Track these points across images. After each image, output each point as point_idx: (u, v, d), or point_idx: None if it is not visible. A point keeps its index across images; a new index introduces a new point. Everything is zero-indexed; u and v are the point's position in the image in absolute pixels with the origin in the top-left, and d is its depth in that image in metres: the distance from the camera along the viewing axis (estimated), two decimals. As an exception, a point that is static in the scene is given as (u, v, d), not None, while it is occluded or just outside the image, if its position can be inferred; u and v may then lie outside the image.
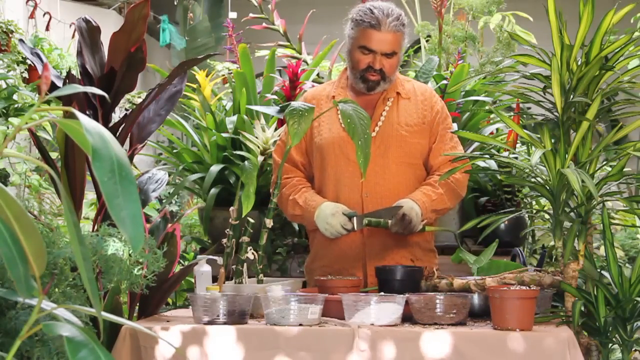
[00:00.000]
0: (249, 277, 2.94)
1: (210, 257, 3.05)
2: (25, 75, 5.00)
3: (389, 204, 3.15)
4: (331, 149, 3.24)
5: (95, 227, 3.17)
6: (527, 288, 2.61)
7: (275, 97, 4.09)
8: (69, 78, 3.26)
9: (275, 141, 3.73)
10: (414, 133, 3.22)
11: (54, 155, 3.91)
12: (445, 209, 3.23)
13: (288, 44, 4.57)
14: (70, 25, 5.97)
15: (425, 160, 3.27)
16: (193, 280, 3.09)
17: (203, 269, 2.98)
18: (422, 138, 3.24)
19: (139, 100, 4.84)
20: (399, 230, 3.10)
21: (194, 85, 4.16)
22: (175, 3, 8.42)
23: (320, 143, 3.26)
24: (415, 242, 3.24)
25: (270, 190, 3.32)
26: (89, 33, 3.31)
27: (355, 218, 3.10)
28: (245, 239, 2.89)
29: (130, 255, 2.64)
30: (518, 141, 3.84)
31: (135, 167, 4.75)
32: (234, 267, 2.92)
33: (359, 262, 3.19)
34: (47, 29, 6.02)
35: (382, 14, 3.13)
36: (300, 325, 2.53)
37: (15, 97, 4.63)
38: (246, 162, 3.81)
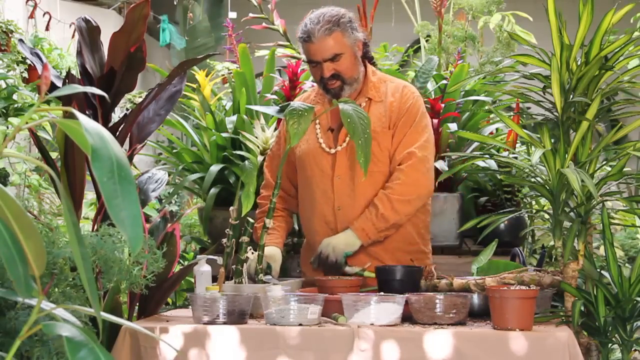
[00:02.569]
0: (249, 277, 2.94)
1: (210, 257, 3.04)
2: (25, 75, 5.00)
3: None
4: (307, 161, 3.24)
5: (95, 227, 3.17)
6: (527, 288, 2.61)
7: (275, 97, 4.09)
8: (69, 78, 3.26)
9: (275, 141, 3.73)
10: (382, 139, 3.14)
11: (53, 155, 3.91)
12: (393, 224, 3.12)
13: (288, 44, 4.57)
14: (70, 25, 5.96)
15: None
16: (193, 280, 3.09)
17: (203, 269, 2.98)
18: (388, 143, 3.16)
19: (139, 100, 4.84)
20: (320, 267, 3.09)
21: (194, 85, 4.16)
22: (175, 3, 8.41)
23: (299, 154, 3.26)
24: (396, 247, 3.18)
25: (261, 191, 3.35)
26: (88, 33, 3.31)
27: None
28: (245, 239, 2.89)
29: (129, 255, 2.64)
30: (518, 141, 3.84)
31: (135, 167, 4.75)
32: (233, 267, 2.92)
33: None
34: (47, 29, 6.02)
35: (312, 23, 3.10)
36: (300, 325, 2.53)
37: (15, 97, 4.63)
38: (246, 162, 3.81)
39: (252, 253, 2.92)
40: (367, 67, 3.24)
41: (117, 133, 3.25)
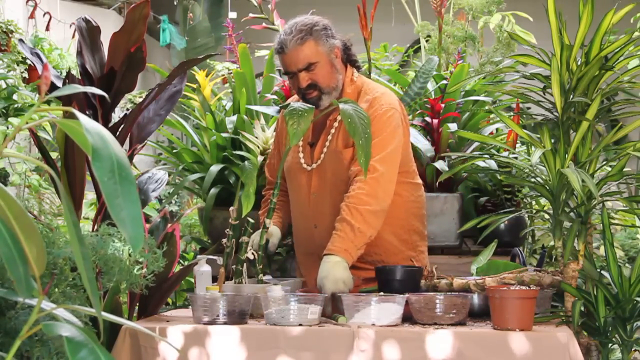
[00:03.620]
0: (249, 277, 2.94)
1: (210, 257, 3.05)
2: (25, 75, 5.00)
3: None
4: (289, 175, 3.23)
5: (95, 227, 3.17)
6: (527, 288, 2.61)
7: (275, 97, 4.09)
8: (69, 78, 3.26)
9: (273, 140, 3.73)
10: (350, 155, 3.06)
11: (54, 155, 3.91)
12: (370, 236, 2.97)
13: (288, 44, 4.57)
14: (70, 25, 5.96)
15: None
16: (193, 280, 3.09)
17: (203, 269, 2.98)
18: (354, 160, 3.05)
19: (139, 100, 4.84)
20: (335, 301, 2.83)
21: (194, 85, 4.16)
22: (175, 3, 8.41)
23: (286, 166, 3.22)
24: (379, 260, 3.11)
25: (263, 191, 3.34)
26: (89, 33, 3.31)
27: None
28: (245, 239, 2.89)
29: (130, 255, 2.64)
30: (518, 141, 3.84)
31: (135, 167, 4.75)
32: (233, 267, 2.92)
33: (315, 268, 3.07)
34: (47, 29, 6.02)
35: (285, 34, 3.05)
36: (300, 325, 2.53)
37: (15, 97, 4.63)
38: (246, 162, 3.81)
39: (253, 254, 2.92)
40: (346, 75, 3.13)
41: (117, 133, 3.25)
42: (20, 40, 3.85)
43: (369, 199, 2.97)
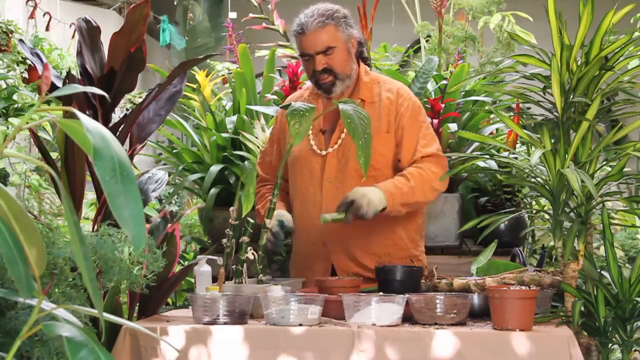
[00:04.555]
0: (249, 277, 2.94)
1: (210, 257, 3.05)
2: (25, 75, 5.00)
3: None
4: (297, 163, 3.21)
5: (95, 227, 3.17)
6: (527, 288, 2.61)
7: (275, 97, 4.09)
8: (69, 78, 3.26)
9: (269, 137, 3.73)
10: (377, 143, 3.01)
11: (54, 155, 3.91)
12: (416, 202, 3.05)
13: (288, 44, 4.57)
14: (70, 25, 5.96)
15: (394, 164, 3.12)
16: (193, 280, 3.09)
17: (203, 269, 2.98)
18: (385, 147, 3.10)
19: (139, 101, 4.84)
20: (349, 218, 2.94)
21: (194, 85, 4.16)
22: (175, 3, 8.42)
23: (290, 156, 3.21)
24: (384, 252, 3.13)
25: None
26: (89, 33, 3.31)
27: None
28: (245, 239, 2.89)
29: (130, 255, 2.64)
30: (518, 141, 3.84)
31: (135, 167, 4.75)
32: (234, 267, 2.92)
33: (327, 274, 3.14)
34: (47, 29, 6.02)
35: (306, 17, 3.09)
36: (300, 325, 2.53)
37: (15, 97, 4.63)
38: (246, 162, 3.81)
39: (253, 254, 2.92)
40: (360, 67, 3.20)
41: (117, 133, 3.25)
42: (20, 40, 3.85)
43: (435, 177, 3.06)
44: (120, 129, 3.27)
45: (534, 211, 3.86)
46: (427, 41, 4.62)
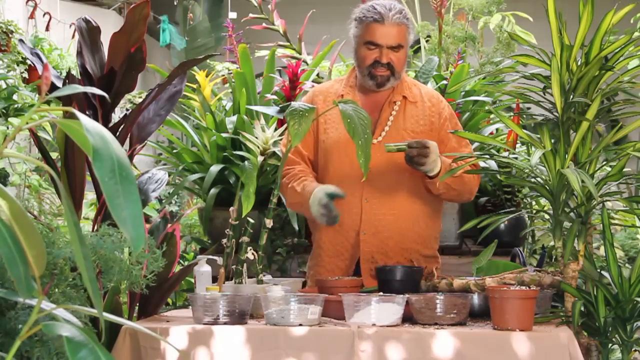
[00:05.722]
0: (249, 277, 2.94)
1: (210, 257, 3.05)
2: (25, 75, 5.00)
3: (388, 211, 3.12)
4: (335, 149, 3.19)
5: (95, 227, 3.17)
6: (527, 288, 2.61)
7: (275, 97, 4.09)
8: (69, 78, 3.26)
9: (275, 141, 3.73)
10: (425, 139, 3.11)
11: (54, 155, 3.91)
12: (454, 188, 3.13)
13: (288, 44, 4.58)
14: (70, 26, 5.96)
15: None
16: (193, 280, 3.09)
17: (203, 269, 2.98)
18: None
19: (139, 100, 4.84)
20: (413, 154, 2.99)
21: (194, 86, 4.16)
22: (175, 3, 8.42)
23: (326, 142, 3.21)
24: (414, 249, 3.17)
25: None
26: (89, 33, 3.31)
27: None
28: (245, 239, 2.89)
29: (130, 255, 2.64)
30: (518, 141, 3.84)
31: (135, 167, 4.75)
32: (234, 267, 2.92)
33: (353, 264, 3.16)
34: (47, 29, 6.02)
35: (384, 8, 3.15)
36: (300, 325, 2.53)
37: (15, 97, 4.63)
38: (246, 162, 3.81)
39: (253, 254, 2.92)
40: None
41: (117, 133, 3.25)
42: (20, 40, 3.85)
43: (476, 182, 3.18)
44: (120, 129, 3.27)
45: (534, 211, 3.86)
46: (427, 41, 4.62)
